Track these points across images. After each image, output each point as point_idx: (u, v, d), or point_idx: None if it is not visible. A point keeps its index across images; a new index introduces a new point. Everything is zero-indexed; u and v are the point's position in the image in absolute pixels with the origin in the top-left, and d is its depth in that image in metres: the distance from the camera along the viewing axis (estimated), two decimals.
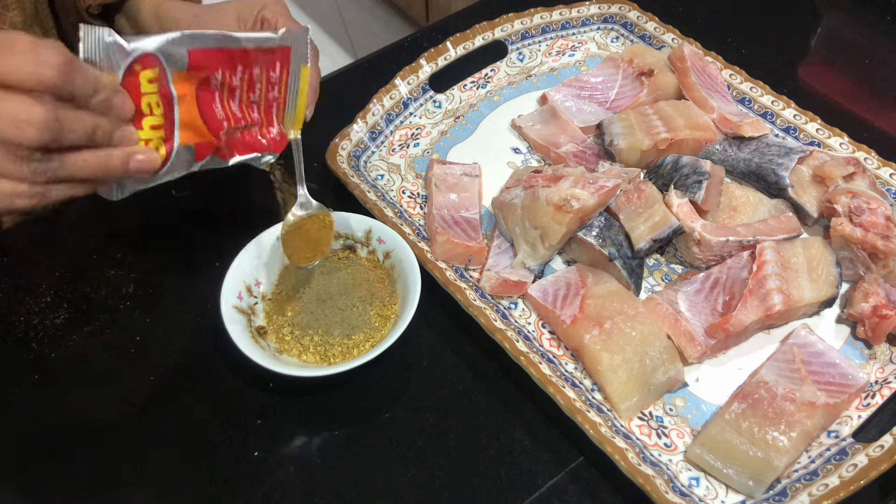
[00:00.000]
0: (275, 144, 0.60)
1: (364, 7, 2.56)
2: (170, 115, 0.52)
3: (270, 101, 0.59)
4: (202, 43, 0.52)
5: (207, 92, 0.54)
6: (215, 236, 0.73)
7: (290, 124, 0.61)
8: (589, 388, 0.62)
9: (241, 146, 0.58)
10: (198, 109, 0.53)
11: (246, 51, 0.55)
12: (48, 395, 0.63)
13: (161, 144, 0.52)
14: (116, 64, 0.48)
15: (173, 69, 0.51)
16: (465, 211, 0.73)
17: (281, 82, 0.58)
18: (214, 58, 0.53)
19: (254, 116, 0.58)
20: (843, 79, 0.93)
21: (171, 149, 0.52)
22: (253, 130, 0.59)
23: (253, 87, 0.57)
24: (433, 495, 0.57)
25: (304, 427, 0.61)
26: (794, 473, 0.56)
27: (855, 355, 0.65)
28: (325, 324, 0.64)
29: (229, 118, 0.56)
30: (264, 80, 0.57)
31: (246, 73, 0.56)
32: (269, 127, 0.59)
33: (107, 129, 0.48)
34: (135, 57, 0.48)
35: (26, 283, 0.70)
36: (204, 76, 0.53)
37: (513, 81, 0.90)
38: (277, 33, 0.56)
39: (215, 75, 0.54)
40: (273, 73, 0.57)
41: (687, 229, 0.68)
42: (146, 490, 0.58)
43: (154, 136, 0.51)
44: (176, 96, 0.51)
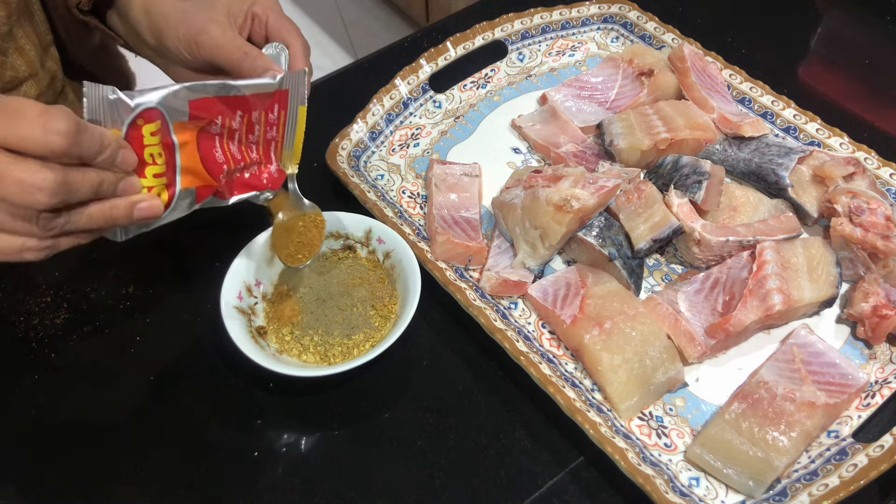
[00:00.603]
0: (273, 181, 0.61)
1: (364, 7, 2.56)
2: (171, 162, 0.53)
3: (269, 141, 0.60)
4: (202, 93, 0.53)
5: (208, 137, 0.55)
6: (215, 236, 0.73)
7: (288, 160, 0.62)
8: (589, 388, 0.62)
9: (240, 186, 0.59)
10: (199, 155, 0.55)
11: (245, 97, 0.56)
12: (48, 395, 0.63)
13: (163, 190, 0.53)
14: (119, 119, 0.49)
15: (174, 120, 0.52)
16: (465, 211, 0.73)
17: (279, 122, 0.60)
18: (214, 106, 0.54)
19: (252, 157, 0.60)
20: (843, 79, 0.93)
21: (172, 194, 0.54)
22: (252, 169, 0.60)
23: (252, 129, 0.58)
24: (433, 495, 0.57)
25: (304, 427, 0.61)
26: (794, 473, 0.56)
27: (855, 355, 0.65)
28: (325, 324, 0.64)
29: (229, 160, 0.57)
30: (263, 121, 0.59)
31: (245, 117, 0.57)
32: (267, 165, 0.61)
33: (112, 182, 0.49)
34: (137, 112, 0.50)
35: (26, 283, 0.70)
36: (204, 123, 0.54)
37: (513, 81, 0.90)
38: (276, 78, 0.58)
39: (215, 122, 0.55)
40: (271, 115, 0.59)
41: (687, 229, 0.68)
42: (146, 490, 0.58)
43: (156, 183, 0.53)
44: (177, 144, 0.53)
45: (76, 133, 0.45)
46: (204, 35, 0.62)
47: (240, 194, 0.59)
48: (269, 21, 0.65)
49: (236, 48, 0.62)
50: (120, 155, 0.49)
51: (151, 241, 0.74)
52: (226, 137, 0.57)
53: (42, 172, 0.44)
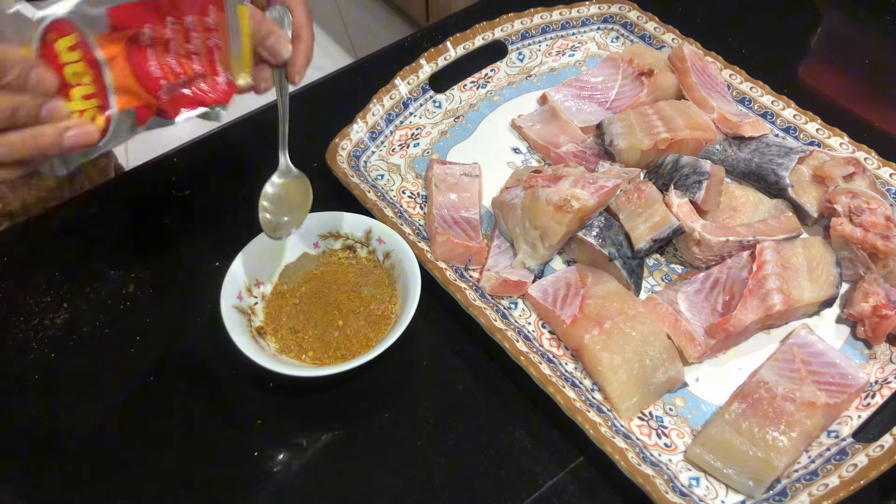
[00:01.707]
0: (223, 94, 0.56)
1: (364, 7, 2.56)
2: (100, 81, 0.49)
3: (210, 49, 0.54)
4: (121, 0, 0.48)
5: (138, 50, 0.50)
6: (215, 236, 0.73)
7: (237, 70, 0.57)
8: (589, 388, 0.62)
9: (185, 101, 0.54)
10: (131, 70, 0.50)
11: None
12: (48, 395, 0.63)
13: (97, 114, 0.49)
14: (27, 36, 0.45)
15: (95, 32, 0.47)
16: (465, 211, 0.73)
17: (220, 26, 0.54)
18: (138, 13, 0.49)
19: (195, 68, 0.54)
20: (843, 79, 0.93)
21: (108, 117, 0.49)
22: (196, 83, 0.55)
23: (188, 37, 0.53)
24: (433, 495, 0.57)
25: (304, 427, 0.61)
26: (794, 473, 0.56)
27: (855, 355, 0.65)
28: (324, 324, 0.64)
29: (167, 74, 0.52)
30: (199, 27, 0.53)
31: (177, 23, 0.52)
32: (213, 77, 0.55)
33: (30, 107, 0.45)
34: (45, 25, 0.45)
35: (26, 283, 0.70)
36: (131, 34, 0.49)
37: (513, 81, 0.90)
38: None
39: (143, 31, 0.50)
40: (208, 19, 0.53)
41: (687, 229, 0.68)
42: (146, 490, 0.58)
43: (87, 105, 0.48)
44: (103, 60, 0.48)
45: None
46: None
47: (187, 111, 0.54)
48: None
49: None
50: (33, 74, 0.44)
51: (151, 240, 0.75)
52: (160, 48, 0.51)
53: None
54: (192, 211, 0.77)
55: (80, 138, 0.47)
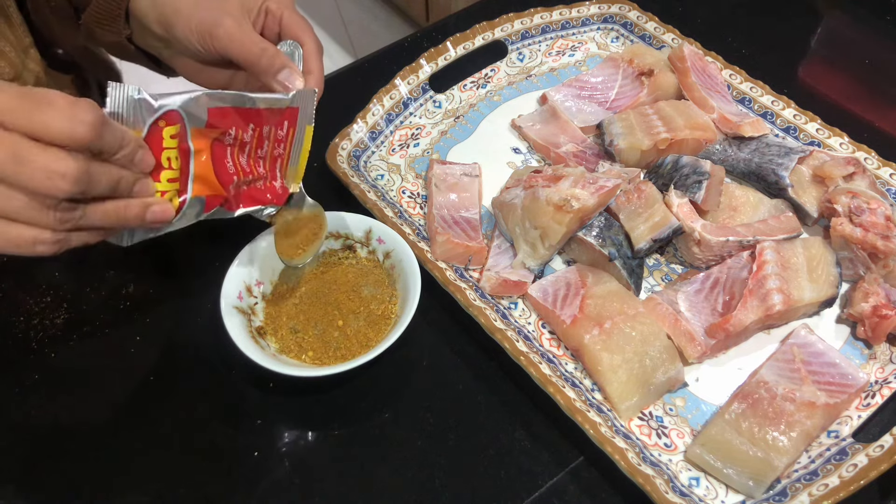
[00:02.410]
0: (277, 197, 0.62)
1: (364, 7, 2.56)
2: (185, 168, 0.54)
3: (276, 157, 0.61)
4: (220, 102, 0.54)
5: (221, 147, 0.56)
6: (215, 236, 0.73)
7: (292, 178, 0.63)
8: (589, 388, 0.62)
9: (246, 199, 0.60)
10: (211, 164, 0.55)
11: (259, 110, 0.57)
12: (48, 395, 0.63)
13: (175, 196, 0.53)
14: (142, 119, 0.50)
15: (192, 126, 0.53)
16: (465, 211, 0.73)
17: (287, 139, 0.61)
18: (230, 115, 0.55)
19: (260, 171, 0.60)
20: (843, 79, 0.93)
21: (183, 201, 0.54)
22: (258, 184, 0.60)
23: (262, 143, 0.59)
24: (433, 495, 0.57)
25: (304, 427, 0.61)
26: (794, 473, 0.56)
27: (855, 355, 0.65)
28: (324, 324, 0.64)
29: (238, 172, 0.58)
30: (272, 137, 0.59)
31: (257, 130, 0.58)
32: (272, 181, 0.62)
33: (129, 181, 0.50)
34: (161, 114, 0.50)
35: (26, 283, 0.70)
36: (219, 133, 0.55)
37: (513, 81, 0.90)
38: (289, 95, 0.59)
39: (229, 132, 0.56)
40: (280, 132, 0.60)
41: (687, 229, 0.68)
42: (146, 490, 0.58)
43: (170, 188, 0.53)
44: (193, 151, 0.53)
45: (101, 125, 0.45)
46: (219, 28, 0.61)
47: (245, 207, 0.60)
48: (283, 17, 0.64)
49: (253, 43, 0.61)
50: (139, 154, 0.50)
51: (152, 240, 0.75)
52: (237, 149, 0.57)
53: (66, 160, 0.44)
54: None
55: (159, 215, 0.52)
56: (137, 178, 0.50)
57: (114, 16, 0.67)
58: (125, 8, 0.67)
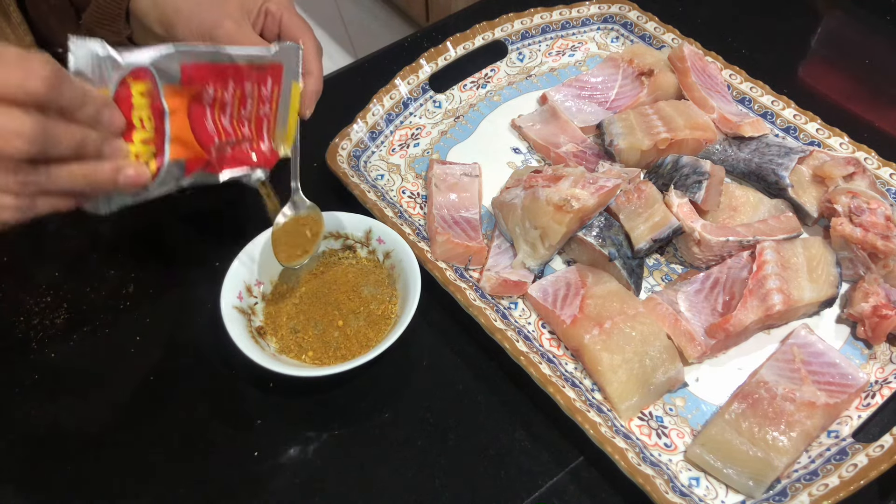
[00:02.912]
0: (265, 160, 0.59)
1: (364, 7, 2.56)
2: (160, 129, 0.51)
3: (261, 117, 0.58)
4: (195, 58, 0.51)
5: (199, 106, 0.53)
6: (215, 236, 0.73)
7: (281, 140, 0.60)
8: (589, 388, 0.62)
9: (231, 161, 0.57)
10: (189, 124, 0.53)
11: (238, 66, 0.54)
12: (48, 395, 0.63)
13: (151, 159, 0.51)
14: (109, 77, 0.47)
15: (165, 83, 0.50)
16: (465, 211, 0.73)
17: (272, 98, 0.58)
18: (207, 72, 0.52)
19: (244, 132, 0.58)
20: (843, 79, 0.93)
21: (161, 163, 0.51)
22: (243, 146, 0.58)
23: (244, 102, 0.56)
24: (433, 495, 0.57)
25: (304, 427, 0.61)
26: (794, 473, 0.56)
27: (855, 355, 0.65)
28: (324, 324, 0.64)
29: (220, 133, 0.55)
30: (256, 95, 0.57)
31: (237, 88, 0.55)
32: (259, 143, 0.59)
33: (96, 142, 0.47)
34: (128, 70, 0.48)
35: (26, 283, 0.70)
36: (196, 91, 0.52)
37: (513, 81, 0.90)
38: (270, 50, 0.56)
39: (207, 90, 0.53)
40: (265, 90, 0.57)
41: (687, 229, 0.68)
42: (146, 490, 0.58)
43: (144, 150, 0.50)
44: (167, 110, 0.51)
45: (57, 79, 0.43)
46: (219, 30, 0.61)
47: (231, 170, 0.57)
48: (283, 19, 0.65)
49: (252, 45, 0.61)
50: (106, 113, 0.47)
51: (151, 240, 0.75)
52: (217, 108, 0.55)
53: (21, 118, 0.42)
54: (192, 211, 0.77)
55: (133, 179, 0.49)
56: (106, 138, 0.48)
57: (114, 16, 0.67)
58: (125, 8, 0.67)
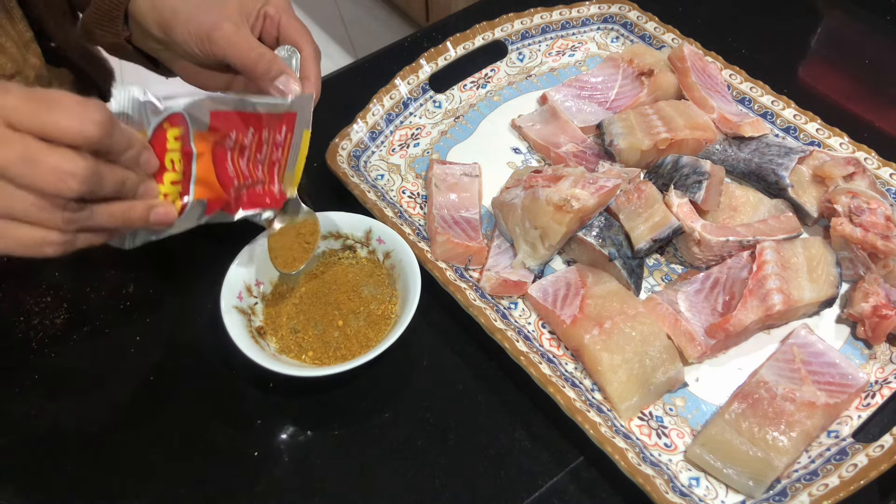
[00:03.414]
0: (275, 201, 0.62)
1: (364, 7, 2.56)
2: (187, 171, 0.54)
3: (274, 161, 0.61)
4: (223, 105, 0.54)
5: (222, 150, 0.56)
6: (215, 236, 0.73)
7: (289, 183, 0.63)
8: (589, 388, 0.62)
9: (246, 202, 0.60)
10: (213, 166, 0.55)
11: (259, 115, 0.57)
12: (48, 395, 0.63)
13: (177, 198, 0.54)
14: (147, 121, 0.50)
15: (196, 129, 0.53)
16: (465, 211, 0.73)
17: (285, 144, 0.61)
18: (232, 119, 0.55)
19: (258, 175, 0.60)
20: (843, 79, 0.93)
21: (185, 203, 0.54)
22: (257, 188, 0.61)
23: (261, 147, 0.59)
24: (433, 495, 0.57)
25: (304, 427, 0.61)
26: (794, 473, 0.56)
27: (855, 355, 0.65)
28: (324, 324, 0.64)
29: (239, 176, 0.58)
30: (271, 141, 0.60)
31: (256, 134, 0.58)
32: (270, 185, 0.62)
33: (134, 183, 0.50)
34: (165, 116, 0.50)
35: (26, 283, 0.70)
36: (220, 136, 0.55)
37: (513, 81, 0.90)
38: (288, 100, 0.59)
39: (230, 135, 0.56)
40: (279, 136, 0.60)
41: (687, 229, 0.68)
42: (146, 490, 0.58)
43: (172, 190, 0.53)
44: (195, 153, 0.54)
45: (110, 124, 0.45)
46: (217, 32, 0.61)
47: (245, 210, 0.60)
48: (281, 22, 0.65)
49: (251, 48, 0.61)
50: (144, 155, 0.50)
51: (152, 241, 0.75)
52: (237, 153, 0.58)
53: (76, 160, 0.44)
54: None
55: (162, 217, 0.52)
56: (142, 179, 0.51)
57: (113, 17, 0.67)
58: (124, 10, 0.67)
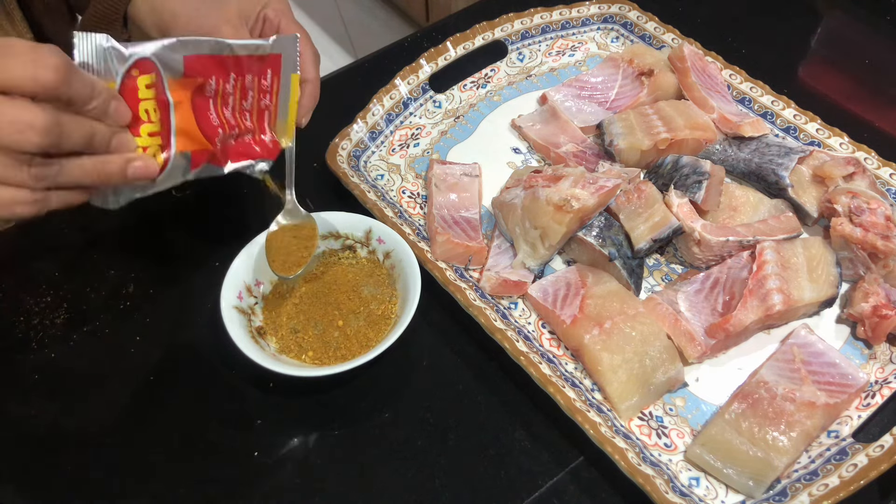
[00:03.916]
0: (268, 152, 0.60)
1: (364, 7, 2.56)
2: (166, 121, 0.52)
3: (262, 109, 0.59)
4: (196, 49, 0.52)
5: (202, 99, 0.54)
6: (215, 236, 0.73)
7: (282, 132, 0.61)
8: (589, 388, 0.62)
9: (235, 153, 0.58)
10: (193, 116, 0.53)
11: (238, 58, 0.55)
12: (48, 395, 0.63)
13: (158, 151, 0.52)
14: (114, 69, 0.48)
15: (169, 76, 0.51)
16: (465, 211, 0.73)
17: (272, 90, 0.59)
18: (208, 64, 0.53)
19: (247, 124, 0.58)
20: (843, 79, 0.93)
21: (168, 156, 0.52)
22: (246, 138, 0.59)
23: (245, 94, 0.57)
24: (433, 495, 0.57)
25: (304, 427, 0.61)
26: (794, 473, 0.56)
27: (855, 355, 0.65)
28: (324, 324, 0.64)
29: (224, 125, 0.56)
30: (256, 87, 0.58)
31: (238, 80, 0.56)
32: (261, 134, 0.60)
33: (105, 135, 0.48)
34: (132, 62, 0.48)
35: (26, 283, 0.70)
36: (199, 83, 0.53)
37: (513, 81, 0.90)
38: (269, 40, 0.57)
39: (209, 82, 0.54)
40: (264, 81, 0.58)
41: (687, 229, 0.68)
42: (146, 490, 0.58)
43: (151, 143, 0.51)
44: (172, 103, 0.51)
45: (67, 70, 0.43)
46: (217, 34, 0.61)
47: (235, 162, 0.57)
48: (280, 26, 0.65)
49: None
50: (113, 105, 0.48)
51: (151, 240, 0.75)
52: (220, 101, 0.55)
53: (33, 111, 0.43)
54: (192, 211, 0.77)
55: (142, 171, 0.50)
56: (114, 131, 0.48)
57: (112, 20, 0.67)
58: (123, 13, 0.67)
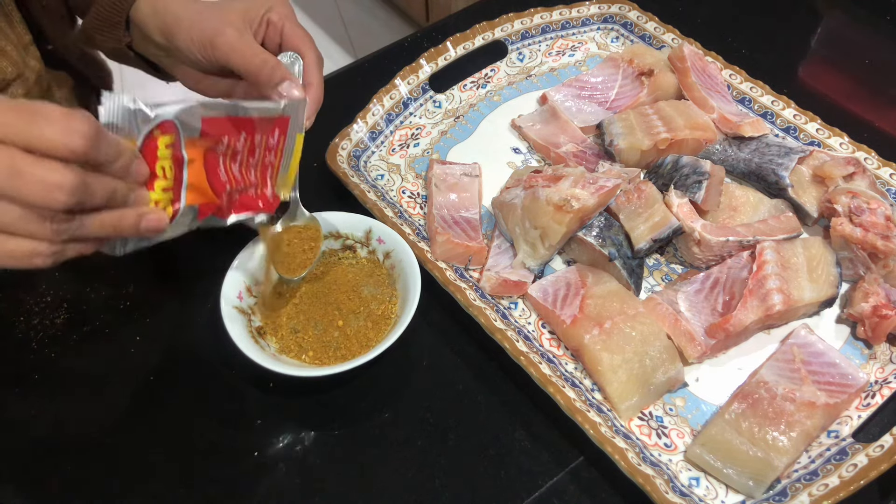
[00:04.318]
0: (268, 205, 0.62)
1: (364, 7, 2.56)
2: (178, 177, 0.53)
3: (266, 165, 0.61)
4: (214, 111, 0.54)
5: (214, 156, 0.56)
6: (215, 237, 0.73)
7: (282, 186, 0.63)
8: (589, 388, 0.62)
9: (238, 206, 0.60)
10: (204, 172, 0.55)
11: (251, 119, 0.57)
12: (48, 395, 0.63)
13: (168, 205, 0.53)
14: (137, 129, 0.50)
15: (186, 135, 0.53)
16: (465, 211, 0.73)
17: (278, 147, 0.61)
18: (223, 125, 0.55)
19: (251, 179, 0.60)
20: (843, 79, 0.93)
21: (177, 209, 0.54)
22: (250, 191, 0.60)
23: (253, 151, 0.59)
24: (433, 495, 0.57)
25: (304, 427, 0.61)
26: (794, 473, 0.56)
27: (855, 355, 0.65)
28: (324, 324, 0.64)
29: (231, 180, 0.58)
30: (263, 145, 0.59)
31: (248, 138, 0.58)
32: (263, 188, 0.61)
33: (124, 192, 0.50)
34: (156, 123, 0.50)
35: (26, 283, 0.70)
36: (212, 141, 0.55)
37: (513, 81, 0.90)
38: (281, 104, 0.59)
39: (222, 141, 0.56)
40: (272, 139, 0.60)
41: (687, 229, 0.68)
42: (146, 490, 0.58)
43: (163, 197, 0.53)
44: (186, 160, 0.53)
45: (96, 136, 0.45)
46: (220, 38, 0.61)
47: (237, 214, 0.59)
48: (284, 29, 0.65)
49: (254, 54, 0.61)
50: (134, 164, 0.50)
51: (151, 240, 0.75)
52: (229, 157, 0.57)
53: (62, 172, 0.44)
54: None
55: (154, 224, 0.52)
56: (132, 187, 0.50)
57: (114, 23, 0.67)
58: (126, 16, 0.67)
